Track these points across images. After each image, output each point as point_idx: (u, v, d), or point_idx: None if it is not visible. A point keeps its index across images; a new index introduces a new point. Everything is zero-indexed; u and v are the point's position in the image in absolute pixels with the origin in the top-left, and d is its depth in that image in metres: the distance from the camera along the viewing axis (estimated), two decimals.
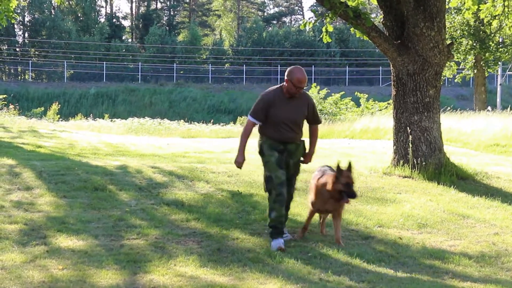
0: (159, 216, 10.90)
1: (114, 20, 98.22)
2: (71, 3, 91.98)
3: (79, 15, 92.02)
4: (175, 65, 79.56)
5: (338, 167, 9.87)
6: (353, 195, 9.82)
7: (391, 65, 15.84)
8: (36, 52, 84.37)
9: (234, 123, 47.24)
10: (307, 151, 10.54)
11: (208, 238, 9.92)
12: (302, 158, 10.49)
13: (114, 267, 8.43)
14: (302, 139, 10.39)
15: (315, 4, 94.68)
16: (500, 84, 53.88)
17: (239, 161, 10.18)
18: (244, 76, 79.94)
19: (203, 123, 44.12)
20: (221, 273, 8.34)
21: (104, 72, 76.16)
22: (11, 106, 37.30)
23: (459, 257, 9.62)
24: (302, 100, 10.27)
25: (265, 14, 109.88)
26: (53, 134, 24.60)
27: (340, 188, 9.76)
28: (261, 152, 10.19)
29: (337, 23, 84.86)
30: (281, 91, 10.16)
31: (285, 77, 10.05)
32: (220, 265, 8.68)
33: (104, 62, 76.93)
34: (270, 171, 9.94)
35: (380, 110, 39.00)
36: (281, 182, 9.87)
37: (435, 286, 7.99)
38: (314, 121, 10.52)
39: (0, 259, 8.67)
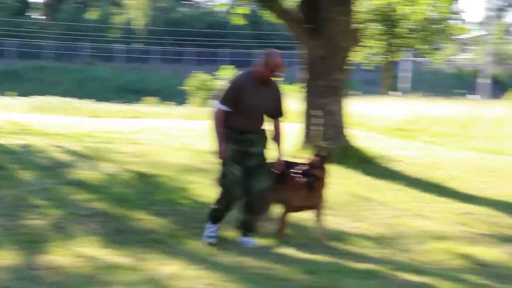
0: (62, 196, 10.76)
1: None
2: None
3: None
4: (84, 44, 78.69)
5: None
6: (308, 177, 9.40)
7: (302, 49, 15.88)
8: None
9: (141, 101, 46.99)
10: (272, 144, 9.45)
11: (110, 218, 9.83)
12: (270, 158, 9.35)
13: (13, 247, 8.28)
14: (264, 130, 9.38)
15: None
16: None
17: (223, 150, 8.96)
18: (154, 56, 79.55)
19: (111, 102, 43.77)
20: (123, 254, 8.27)
21: (11, 49, 74.88)
22: None
23: (359, 238, 9.74)
24: (273, 88, 9.35)
25: None
26: None
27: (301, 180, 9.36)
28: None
29: (251, 6, 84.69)
30: (252, 76, 9.15)
31: (260, 61, 9.02)
32: (122, 246, 8.61)
33: (13, 39, 75.68)
34: (225, 166, 9.01)
35: (291, 92, 39.23)
36: (234, 180, 8.96)
37: (335, 267, 8.06)
38: (278, 113, 9.38)
39: None
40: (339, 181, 13.28)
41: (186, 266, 7.81)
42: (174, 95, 55.48)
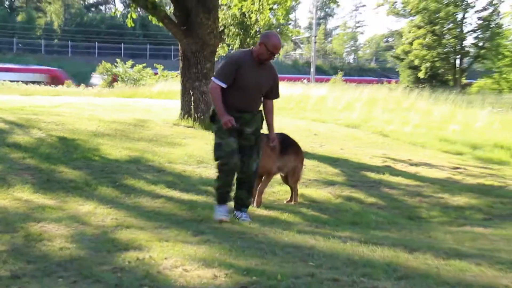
0: (1, 155, 10.42)
1: None
2: None
3: None
4: (14, 39, 76.46)
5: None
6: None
7: (179, 45, 15.81)
8: None
9: (62, 84, 46.00)
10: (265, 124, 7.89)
11: (40, 171, 9.60)
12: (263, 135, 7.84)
13: None
14: (259, 111, 7.71)
15: None
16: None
17: (228, 119, 7.21)
18: (70, 49, 78.17)
19: (37, 84, 42.74)
20: (50, 198, 8.12)
21: None
22: None
23: None
24: (270, 69, 7.61)
25: (86, 2, 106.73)
26: None
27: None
28: (212, 118, 7.62)
29: (141, 12, 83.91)
30: (250, 54, 7.46)
31: (259, 41, 7.42)
32: (49, 191, 8.45)
33: None
34: (221, 138, 7.40)
35: (172, 78, 39.12)
36: (231, 150, 7.34)
37: (209, 205, 8.11)
38: (274, 94, 7.77)
39: None
40: (209, 142, 13.18)
41: (97, 206, 7.73)
42: (86, 78, 54.79)
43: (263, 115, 7.72)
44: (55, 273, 4.88)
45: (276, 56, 7.60)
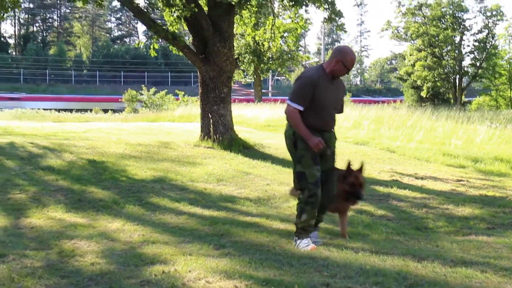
0: (36, 178, 10.47)
1: (1, 38, 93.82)
2: None
3: None
4: (47, 71, 77.20)
5: (348, 166, 7.09)
6: (358, 196, 7.03)
7: (198, 72, 15.84)
8: None
9: (90, 111, 46.33)
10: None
11: (71, 192, 9.61)
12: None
13: (3, 213, 8.02)
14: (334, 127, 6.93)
15: (146, 30, 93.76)
16: (271, 85, 55.13)
17: (318, 140, 6.42)
18: (98, 79, 78.79)
19: (69, 112, 43.09)
20: (81, 216, 8.12)
21: None
22: None
23: (244, 200, 9.76)
24: (341, 82, 6.78)
25: (112, 35, 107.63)
26: None
27: (346, 189, 7.02)
28: (294, 144, 6.74)
29: (162, 43, 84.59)
30: (323, 70, 6.54)
31: (334, 57, 6.49)
32: (80, 211, 8.45)
33: None
34: (304, 167, 6.54)
35: (192, 102, 39.33)
36: (315, 181, 6.51)
37: (229, 220, 8.08)
38: (342, 108, 7.02)
39: None
40: (228, 161, 13.31)
41: (125, 223, 7.72)
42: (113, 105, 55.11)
43: (335, 135, 6.96)
44: (87, 287, 4.88)
45: (348, 71, 6.61)
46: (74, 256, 5.88)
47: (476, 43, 54.33)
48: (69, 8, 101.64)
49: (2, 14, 15.98)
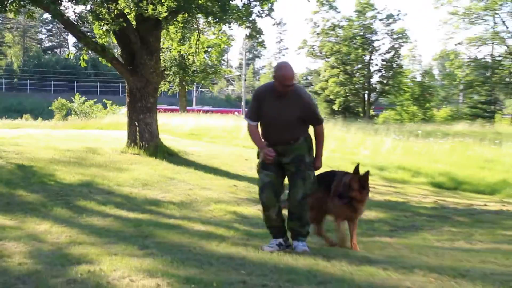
0: None
1: None
2: None
3: None
4: None
5: (354, 169, 6.76)
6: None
7: (126, 83, 15.68)
8: None
9: (21, 118, 45.02)
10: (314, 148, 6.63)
11: (0, 195, 9.35)
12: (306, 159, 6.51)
13: None
14: (300, 136, 6.46)
15: (76, 41, 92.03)
16: (195, 96, 55.01)
17: (267, 151, 6.37)
18: (28, 87, 76.62)
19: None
20: (9, 218, 7.92)
21: None
22: None
23: (167, 204, 9.73)
24: (296, 99, 6.34)
25: (43, 46, 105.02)
26: None
27: (339, 189, 6.70)
28: (258, 155, 6.67)
29: (91, 54, 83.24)
30: (272, 87, 6.38)
31: (273, 74, 6.45)
32: (9, 213, 8.23)
33: None
34: (258, 173, 6.64)
35: (120, 111, 38.83)
36: (262, 186, 6.51)
37: (153, 223, 8.03)
38: (313, 121, 6.51)
39: None
40: (153, 167, 13.20)
41: (53, 225, 7.57)
42: (43, 113, 53.68)
43: (311, 143, 6.54)
44: (14, 286, 4.75)
45: (288, 85, 6.24)
46: (1, 257, 5.71)
47: (384, 62, 55.80)
48: (1, 18, 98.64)
49: None
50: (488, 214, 10.73)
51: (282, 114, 6.30)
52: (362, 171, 6.81)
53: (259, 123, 6.54)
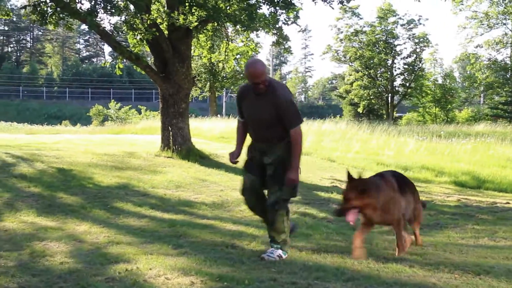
0: (10, 185, 10.24)
1: None
2: None
3: None
4: (21, 87, 75.69)
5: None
6: (340, 213, 5.84)
7: (159, 89, 15.76)
8: None
9: (60, 124, 45.62)
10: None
11: (42, 198, 9.43)
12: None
13: None
14: (285, 137, 5.77)
15: (111, 51, 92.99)
16: (225, 101, 55.20)
17: (230, 154, 6.22)
18: (67, 95, 77.52)
19: (41, 125, 42.31)
20: (51, 220, 7.98)
21: None
22: None
23: (200, 204, 9.74)
24: (272, 99, 5.73)
25: (80, 56, 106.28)
26: None
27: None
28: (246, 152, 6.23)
29: (126, 62, 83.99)
30: (250, 87, 5.87)
31: None
32: (50, 215, 8.31)
33: None
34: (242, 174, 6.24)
35: (153, 116, 39.08)
36: (244, 188, 6.10)
37: (187, 222, 8.04)
38: (287, 124, 5.73)
39: None
40: (186, 170, 13.25)
41: (92, 226, 7.62)
42: (81, 119, 54.30)
43: (283, 146, 5.85)
44: (56, 284, 4.80)
45: (258, 83, 5.72)
46: (44, 256, 5.77)
47: (406, 66, 55.31)
48: (41, 30, 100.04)
49: None
50: (511, 211, 10.54)
51: (259, 113, 5.84)
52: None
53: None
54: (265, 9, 41.84)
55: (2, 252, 5.89)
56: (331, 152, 19.03)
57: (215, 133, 24.42)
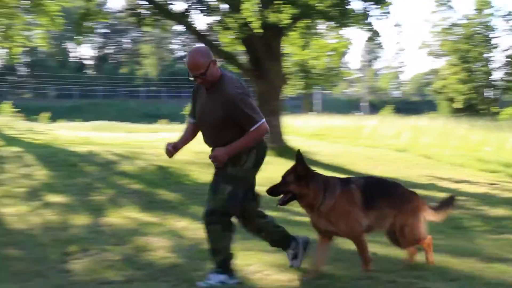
0: (113, 182, 10.70)
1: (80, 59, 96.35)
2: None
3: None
4: (119, 88, 78.74)
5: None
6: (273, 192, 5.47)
7: (252, 87, 15.93)
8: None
9: (156, 122, 47.05)
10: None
11: (144, 194, 9.79)
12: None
13: (85, 213, 8.23)
14: (232, 141, 4.75)
15: None
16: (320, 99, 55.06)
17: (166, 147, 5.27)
18: (164, 94, 79.76)
19: (140, 123, 43.75)
20: (152, 216, 8.25)
21: (76, 92, 74.33)
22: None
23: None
24: (221, 96, 4.68)
25: (175, 55, 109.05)
26: (44, 132, 23.68)
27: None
28: None
29: (221, 61, 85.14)
30: None
31: None
32: (152, 211, 8.59)
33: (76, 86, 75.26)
34: None
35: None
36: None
37: (283, 220, 8.06)
38: (241, 123, 4.74)
39: (13, 210, 8.37)
40: (280, 166, 13.27)
41: (191, 222, 7.79)
42: (178, 117, 55.67)
43: (248, 152, 4.98)
44: (159, 278, 4.95)
45: (197, 76, 4.69)
46: (147, 250, 5.97)
47: (509, 59, 53.08)
48: (139, 32, 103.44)
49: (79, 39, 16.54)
50: None
51: (205, 114, 4.84)
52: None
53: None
54: (355, 5, 41.33)
55: (108, 246, 6.14)
56: (428, 149, 18.54)
57: (309, 130, 24.38)
